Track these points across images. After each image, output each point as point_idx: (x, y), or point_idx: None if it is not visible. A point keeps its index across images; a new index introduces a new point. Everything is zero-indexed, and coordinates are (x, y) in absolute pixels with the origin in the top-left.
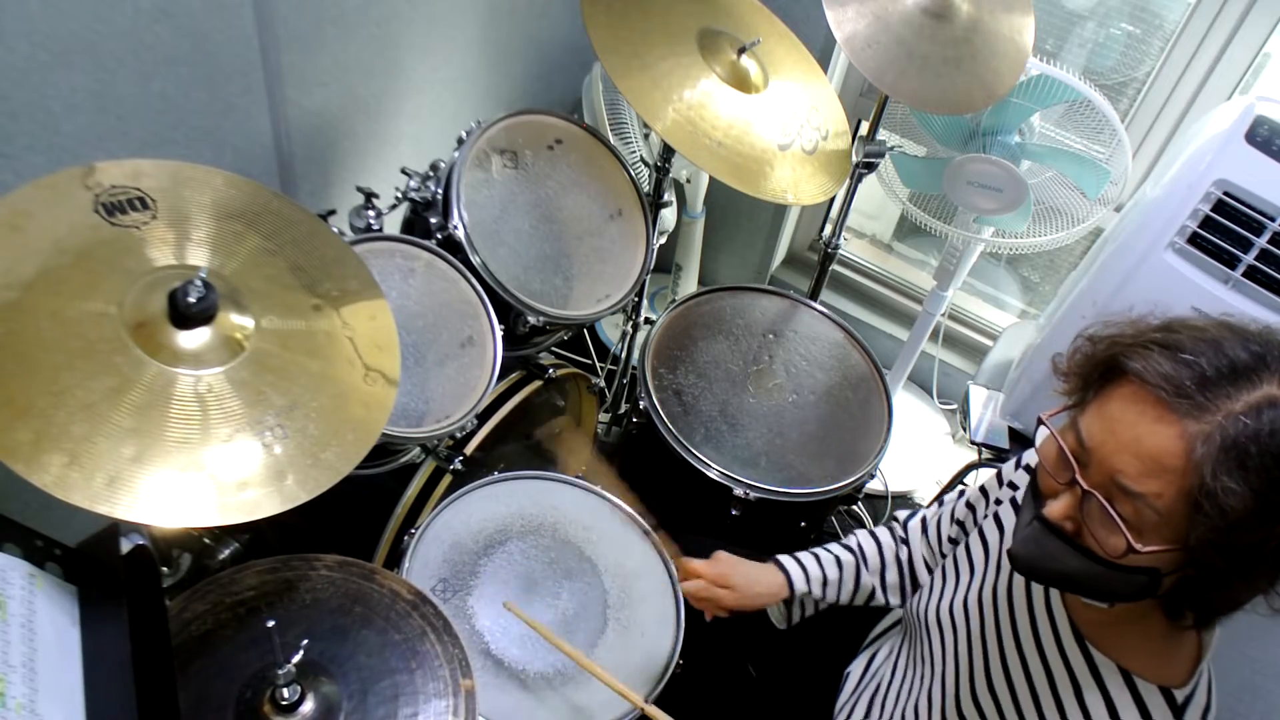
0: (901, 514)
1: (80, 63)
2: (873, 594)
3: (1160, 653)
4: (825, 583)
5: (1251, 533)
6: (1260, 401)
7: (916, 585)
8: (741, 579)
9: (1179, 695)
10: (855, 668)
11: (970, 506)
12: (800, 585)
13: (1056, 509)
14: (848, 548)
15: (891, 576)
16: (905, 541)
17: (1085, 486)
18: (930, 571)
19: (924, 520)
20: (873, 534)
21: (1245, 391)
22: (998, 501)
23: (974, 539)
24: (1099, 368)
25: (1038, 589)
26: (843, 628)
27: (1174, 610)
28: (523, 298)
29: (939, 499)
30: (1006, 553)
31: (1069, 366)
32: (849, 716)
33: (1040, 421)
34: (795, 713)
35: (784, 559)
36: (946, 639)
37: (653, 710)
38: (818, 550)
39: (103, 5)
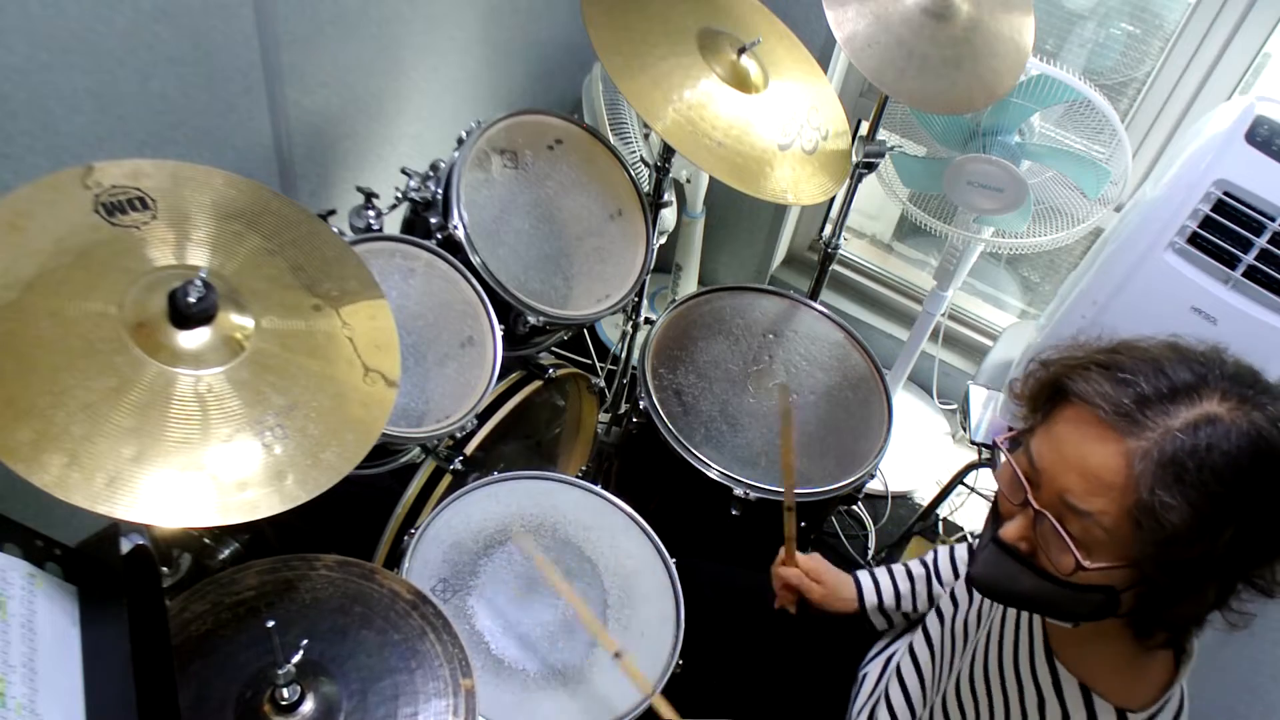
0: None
1: (80, 63)
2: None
3: (1126, 673)
4: (898, 596)
5: (1189, 547)
6: (1198, 419)
7: None
8: (831, 579)
9: (1133, 718)
10: (872, 669)
11: None
12: (870, 599)
13: (1011, 530)
14: (922, 562)
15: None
16: None
17: (1036, 506)
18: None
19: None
20: (950, 549)
21: (1184, 409)
22: None
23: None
24: (1046, 390)
25: None
26: (854, 627)
27: (1143, 629)
28: (523, 298)
29: None
30: (966, 576)
31: (1023, 390)
32: (870, 717)
33: (995, 445)
34: (808, 713)
35: (860, 575)
36: (949, 654)
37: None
38: (893, 567)
39: (103, 5)
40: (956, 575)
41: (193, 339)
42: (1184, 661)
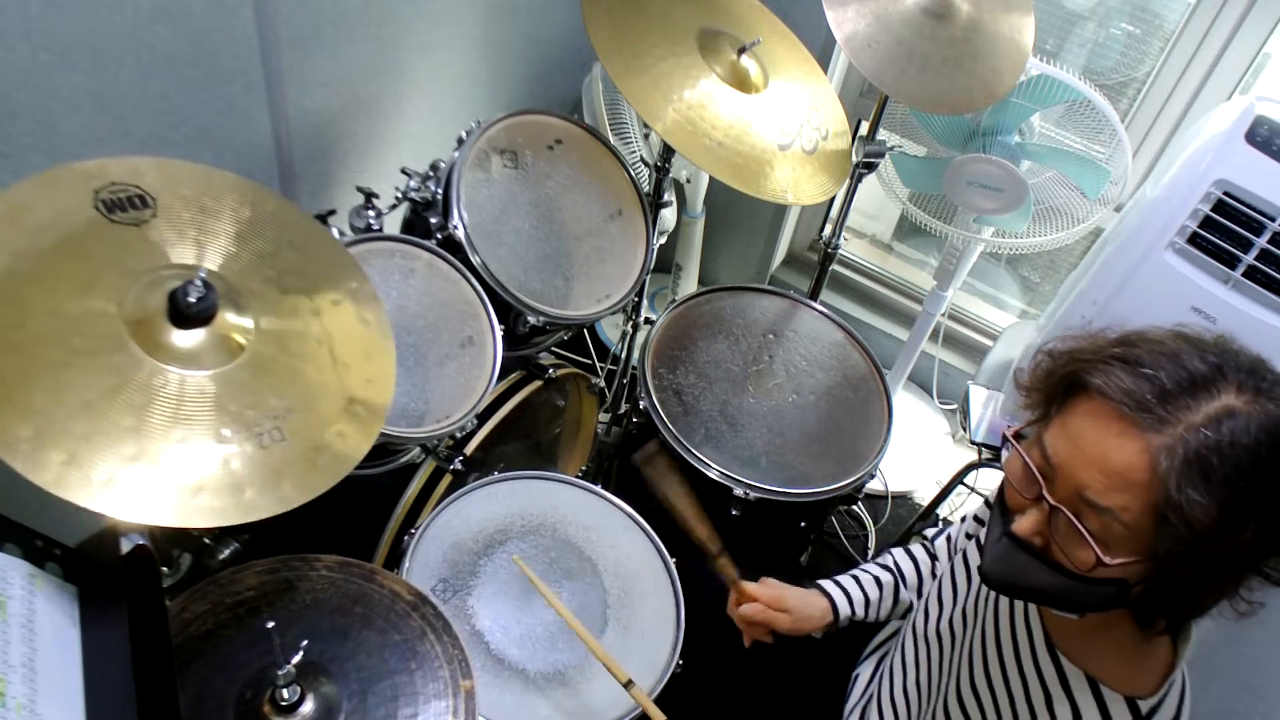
0: (930, 532)
1: (80, 63)
2: (911, 608)
3: (1129, 661)
4: (868, 604)
5: (1218, 543)
6: (1219, 412)
7: None
8: (796, 602)
9: (1144, 705)
10: (864, 670)
11: (979, 520)
12: (844, 611)
13: (1025, 524)
14: (885, 567)
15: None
16: (935, 558)
17: (1052, 502)
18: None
19: (949, 538)
20: (908, 552)
21: (1204, 403)
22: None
23: (958, 560)
24: (1061, 384)
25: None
26: (848, 630)
27: (1145, 618)
28: (523, 298)
29: (961, 518)
30: (978, 570)
31: (1030, 381)
32: (863, 718)
33: (1005, 438)
34: (802, 715)
35: (827, 584)
36: (946, 652)
37: (640, 694)
38: (856, 573)
39: (102, 5)
40: (920, 578)
41: (192, 339)
42: (1183, 644)
